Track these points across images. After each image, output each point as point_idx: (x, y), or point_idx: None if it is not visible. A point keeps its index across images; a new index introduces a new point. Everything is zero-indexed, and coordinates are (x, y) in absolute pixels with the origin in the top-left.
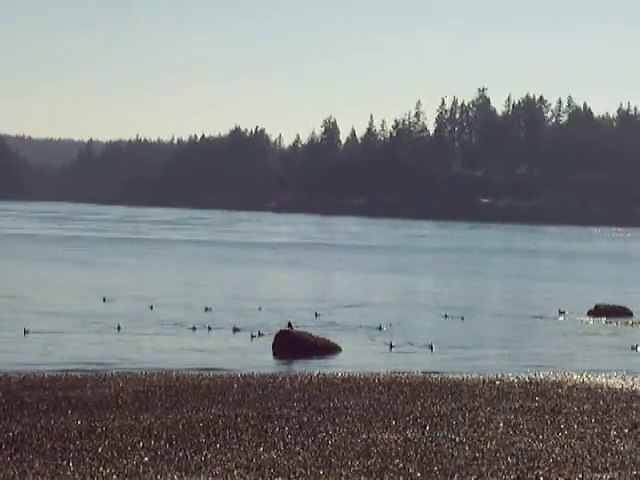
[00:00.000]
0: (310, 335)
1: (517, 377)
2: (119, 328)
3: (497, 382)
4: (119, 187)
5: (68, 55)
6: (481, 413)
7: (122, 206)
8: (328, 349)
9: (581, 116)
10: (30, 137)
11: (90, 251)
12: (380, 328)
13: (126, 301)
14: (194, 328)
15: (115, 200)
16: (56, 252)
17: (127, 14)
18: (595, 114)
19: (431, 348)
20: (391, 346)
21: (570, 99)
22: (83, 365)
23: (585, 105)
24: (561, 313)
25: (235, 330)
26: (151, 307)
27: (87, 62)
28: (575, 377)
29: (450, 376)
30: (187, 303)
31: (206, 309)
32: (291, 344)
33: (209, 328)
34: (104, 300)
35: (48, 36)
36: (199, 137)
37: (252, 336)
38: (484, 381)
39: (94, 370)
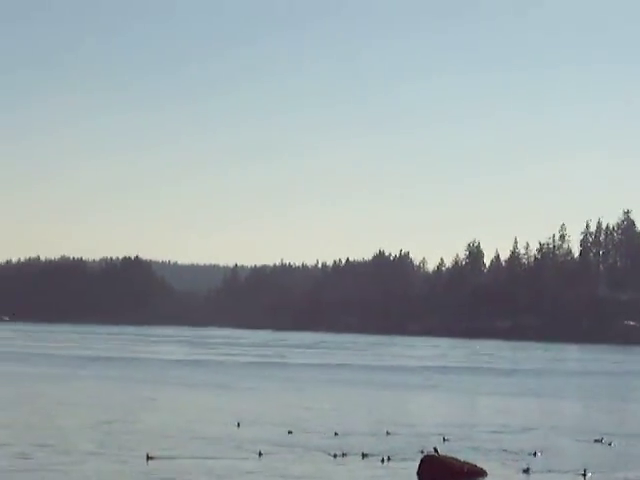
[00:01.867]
0: (456, 460)
1: None
2: (260, 454)
3: None
4: (264, 312)
5: (214, 184)
6: None
7: (266, 330)
8: (474, 474)
9: None
10: (176, 263)
11: (230, 375)
12: (534, 454)
13: (262, 425)
14: (335, 455)
15: (260, 324)
16: (196, 376)
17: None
18: None
19: (584, 474)
20: (530, 471)
21: None
22: None
23: None
24: None
25: (377, 458)
26: (289, 432)
27: (228, 186)
28: None
29: None
30: (323, 428)
31: (335, 434)
32: (437, 469)
33: (343, 454)
34: (238, 425)
35: (201, 169)
36: (343, 261)
37: (382, 460)
38: None
39: None
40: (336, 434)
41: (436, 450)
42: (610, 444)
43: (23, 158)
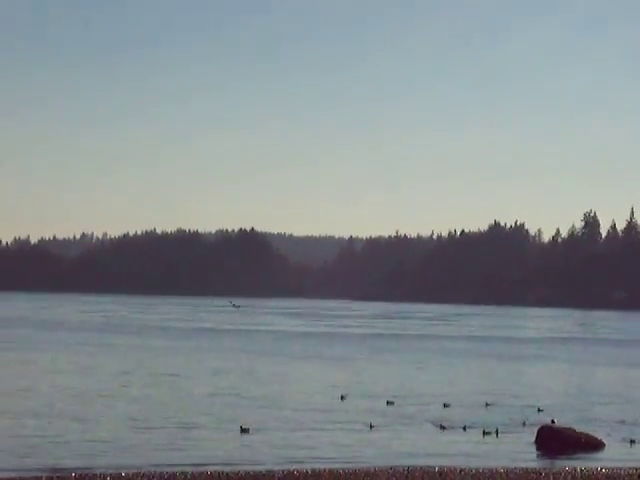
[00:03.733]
0: (573, 430)
1: None
2: (371, 426)
3: None
4: (378, 283)
5: (325, 154)
6: None
7: (381, 302)
8: (591, 445)
9: None
10: (291, 234)
11: (341, 347)
12: None
13: (367, 397)
14: (442, 427)
15: (374, 296)
16: (307, 348)
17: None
18: None
19: None
20: None
21: None
22: (341, 463)
23: None
24: None
25: (489, 429)
26: (389, 403)
27: (344, 160)
28: None
29: None
30: (432, 400)
31: (445, 405)
32: (554, 439)
33: (453, 427)
34: (342, 398)
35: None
36: (458, 232)
37: (484, 432)
38: None
39: (362, 467)
40: (445, 406)
41: (553, 421)
42: None
43: (138, 136)
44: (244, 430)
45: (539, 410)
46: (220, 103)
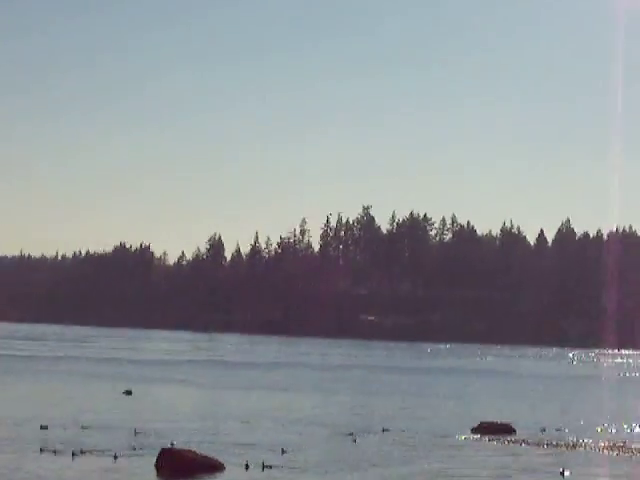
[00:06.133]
0: (194, 452)
1: None
2: None
3: None
4: (5, 303)
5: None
6: None
7: (6, 322)
8: (211, 467)
9: (465, 234)
10: None
11: None
12: (283, 451)
13: None
14: (55, 452)
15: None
16: None
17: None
18: (478, 232)
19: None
20: (264, 466)
21: (454, 217)
22: None
23: (469, 223)
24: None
25: (107, 453)
26: None
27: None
28: None
29: None
30: (23, 421)
31: (42, 427)
32: (174, 461)
33: (55, 451)
34: None
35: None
36: (84, 253)
37: (94, 455)
38: None
39: None
40: (42, 427)
41: (172, 444)
42: (355, 440)
43: None
44: None
45: (135, 432)
46: None
